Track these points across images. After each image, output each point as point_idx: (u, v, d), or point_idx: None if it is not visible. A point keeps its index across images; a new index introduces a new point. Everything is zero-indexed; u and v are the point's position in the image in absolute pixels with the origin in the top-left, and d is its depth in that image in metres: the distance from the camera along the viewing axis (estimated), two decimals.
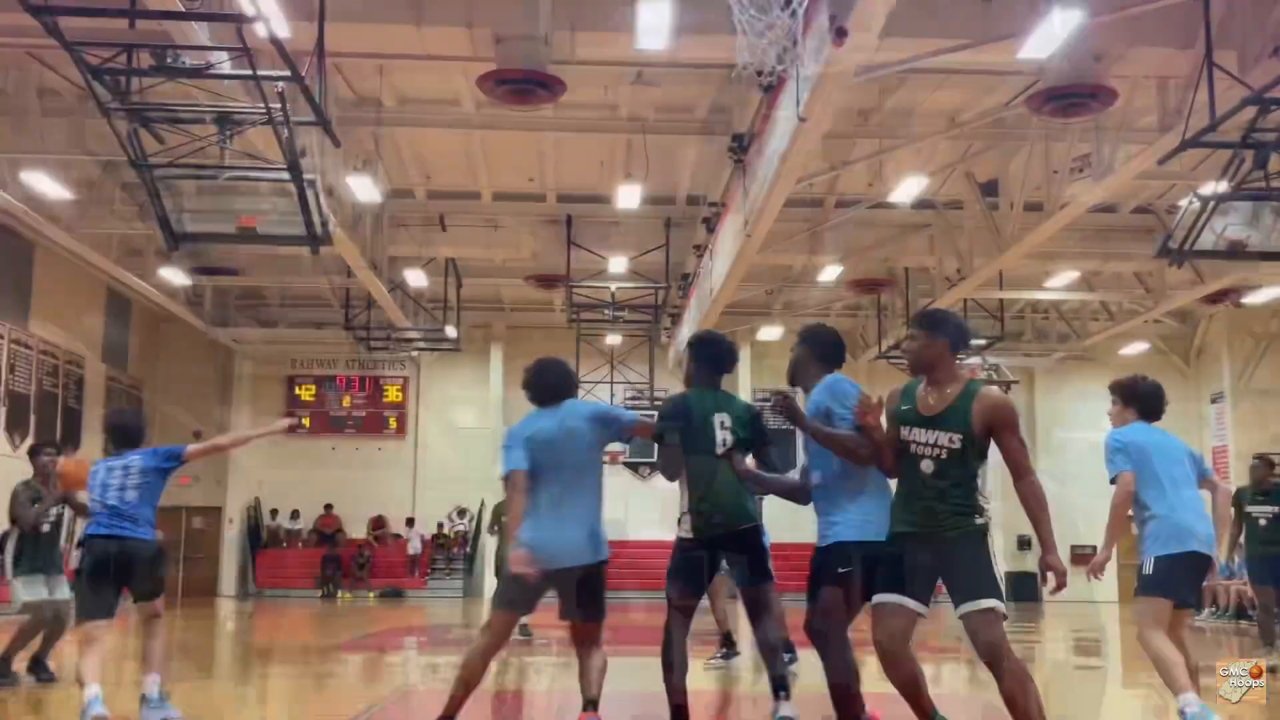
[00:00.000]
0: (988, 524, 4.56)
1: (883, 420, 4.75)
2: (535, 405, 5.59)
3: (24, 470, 9.00)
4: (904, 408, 4.68)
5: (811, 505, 5.09)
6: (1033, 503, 4.52)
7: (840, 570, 4.81)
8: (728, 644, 9.42)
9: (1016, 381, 25.31)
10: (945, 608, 4.66)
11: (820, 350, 5.16)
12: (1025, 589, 23.88)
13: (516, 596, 5.31)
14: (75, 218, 16.63)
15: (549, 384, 5.51)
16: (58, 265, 21.08)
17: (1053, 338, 25.26)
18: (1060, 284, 21.35)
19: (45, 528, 8.44)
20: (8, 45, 12.65)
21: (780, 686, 5.50)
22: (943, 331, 4.69)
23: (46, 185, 15.13)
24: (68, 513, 8.89)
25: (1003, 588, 4.52)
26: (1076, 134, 14.24)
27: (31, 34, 9.94)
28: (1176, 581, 5.68)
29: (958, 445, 4.49)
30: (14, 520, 8.53)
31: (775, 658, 5.43)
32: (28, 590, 8.26)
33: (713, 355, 5.64)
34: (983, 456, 4.58)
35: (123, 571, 6.38)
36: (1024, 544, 26.34)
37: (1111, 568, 5.92)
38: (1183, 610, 5.83)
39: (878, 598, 4.62)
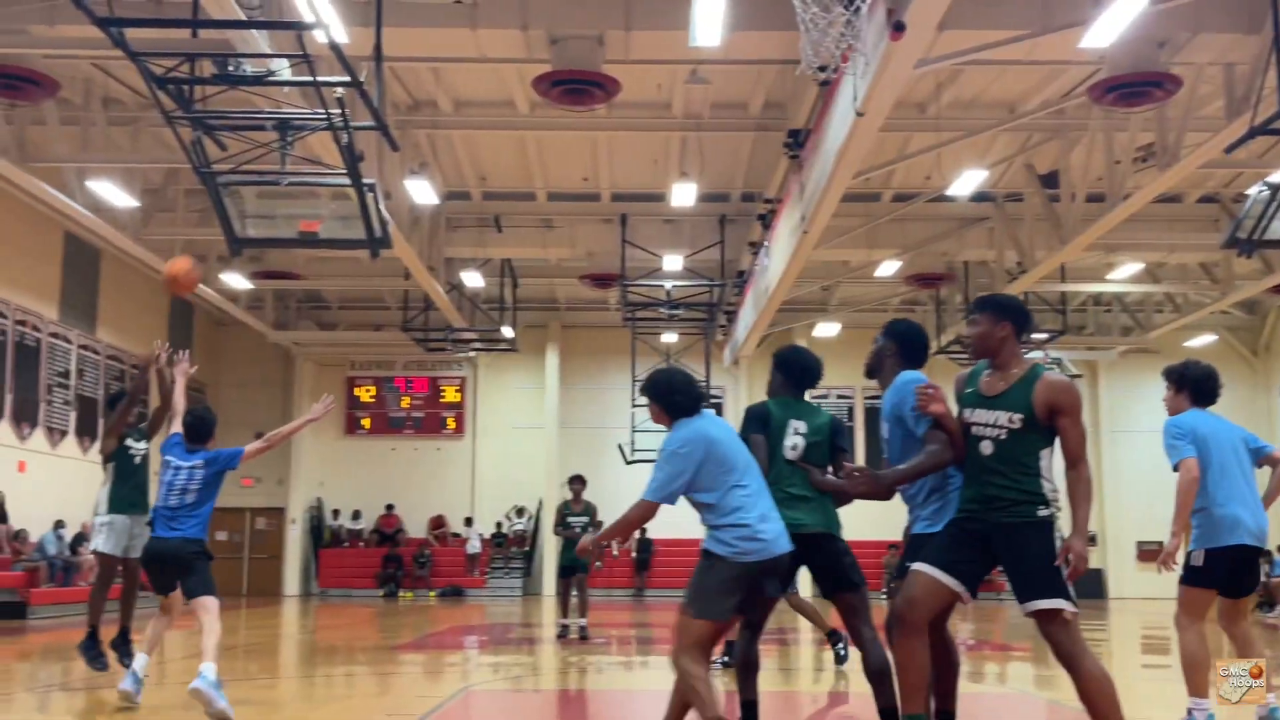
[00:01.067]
0: (1053, 517, 4.42)
1: (952, 406, 4.63)
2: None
3: (94, 473, 8.96)
4: (968, 390, 4.59)
5: (900, 498, 4.92)
6: (1079, 490, 4.37)
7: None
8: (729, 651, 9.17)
9: (1080, 376, 24.96)
10: (1008, 605, 4.55)
11: (905, 347, 4.96)
12: (1091, 585, 23.55)
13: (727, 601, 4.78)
14: (140, 224, 16.92)
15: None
16: (123, 271, 21.51)
17: (1116, 331, 24.88)
18: (1124, 276, 21.02)
19: (136, 460, 8.24)
20: (74, 57, 12.89)
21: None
22: (1006, 315, 4.58)
23: (112, 193, 15.41)
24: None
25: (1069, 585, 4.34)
26: (1139, 123, 13.98)
27: (97, 45, 10.13)
28: (1222, 573, 5.62)
29: (1018, 425, 4.38)
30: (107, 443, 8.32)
31: (885, 684, 4.86)
32: (110, 538, 7.98)
33: (795, 369, 5.46)
34: (1045, 442, 4.42)
35: (173, 568, 6.81)
36: (1089, 540, 26.00)
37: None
38: (1239, 600, 5.78)
39: (916, 565, 4.48)
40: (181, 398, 7.48)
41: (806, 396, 5.49)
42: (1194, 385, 5.91)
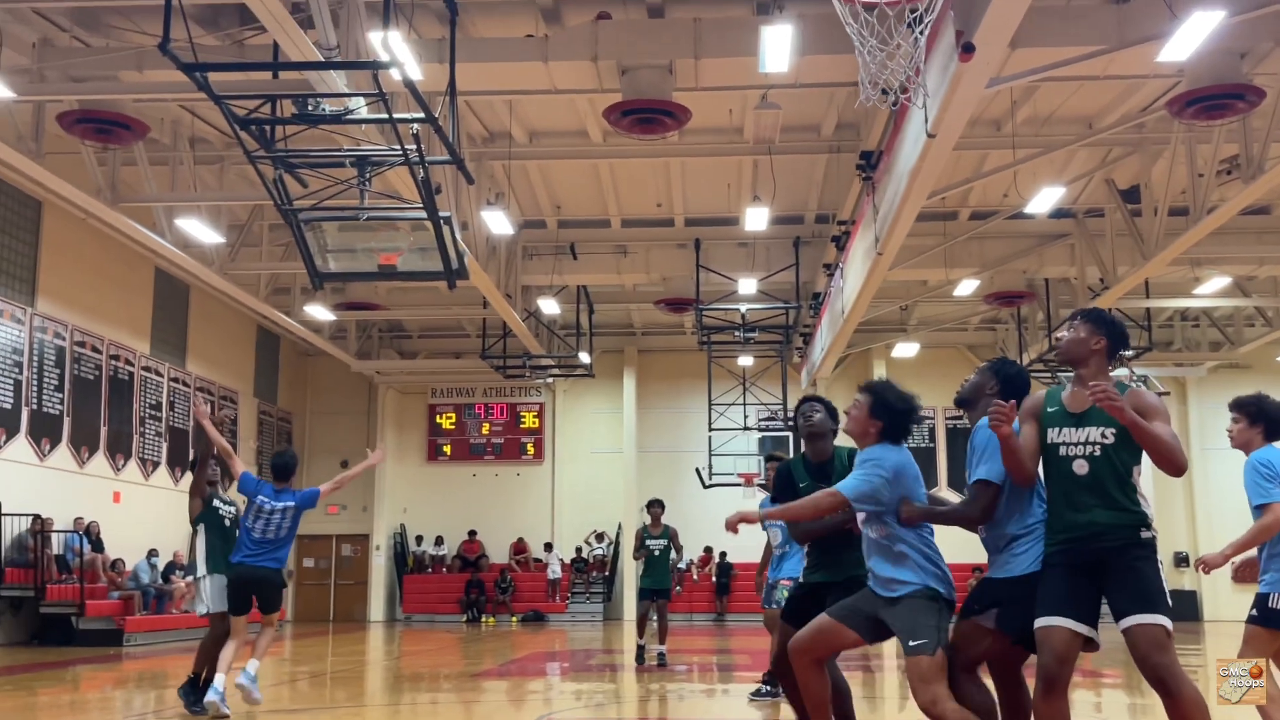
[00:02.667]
0: (1154, 538, 4.27)
1: (1027, 430, 4.47)
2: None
3: (185, 502, 9.17)
4: (1050, 409, 4.44)
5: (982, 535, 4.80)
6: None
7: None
8: (770, 680, 9.12)
9: (1167, 393, 24.40)
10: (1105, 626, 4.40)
11: (1006, 389, 4.81)
12: (1184, 607, 22.90)
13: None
14: (226, 259, 17.40)
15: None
16: (211, 305, 22.11)
17: (1205, 346, 24.30)
18: (1211, 290, 20.53)
19: (227, 521, 8.55)
20: (162, 100, 13.34)
21: None
22: (1104, 329, 4.47)
23: (200, 230, 15.87)
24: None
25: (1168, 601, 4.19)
26: (1223, 134, 13.69)
27: (184, 89, 10.48)
28: None
29: (1111, 440, 4.22)
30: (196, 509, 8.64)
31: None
32: (216, 595, 8.28)
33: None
34: (1137, 459, 4.29)
35: (257, 591, 8.05)
36: (1180, 561, 25.33)
37: None
38: None
39: (1043, 621, 4.25)
40: (221, 439, 8.37)
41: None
42: (1272, 420, 5.68)
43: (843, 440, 5.51)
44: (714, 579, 26.13)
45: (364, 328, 25.03)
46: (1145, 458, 4.32)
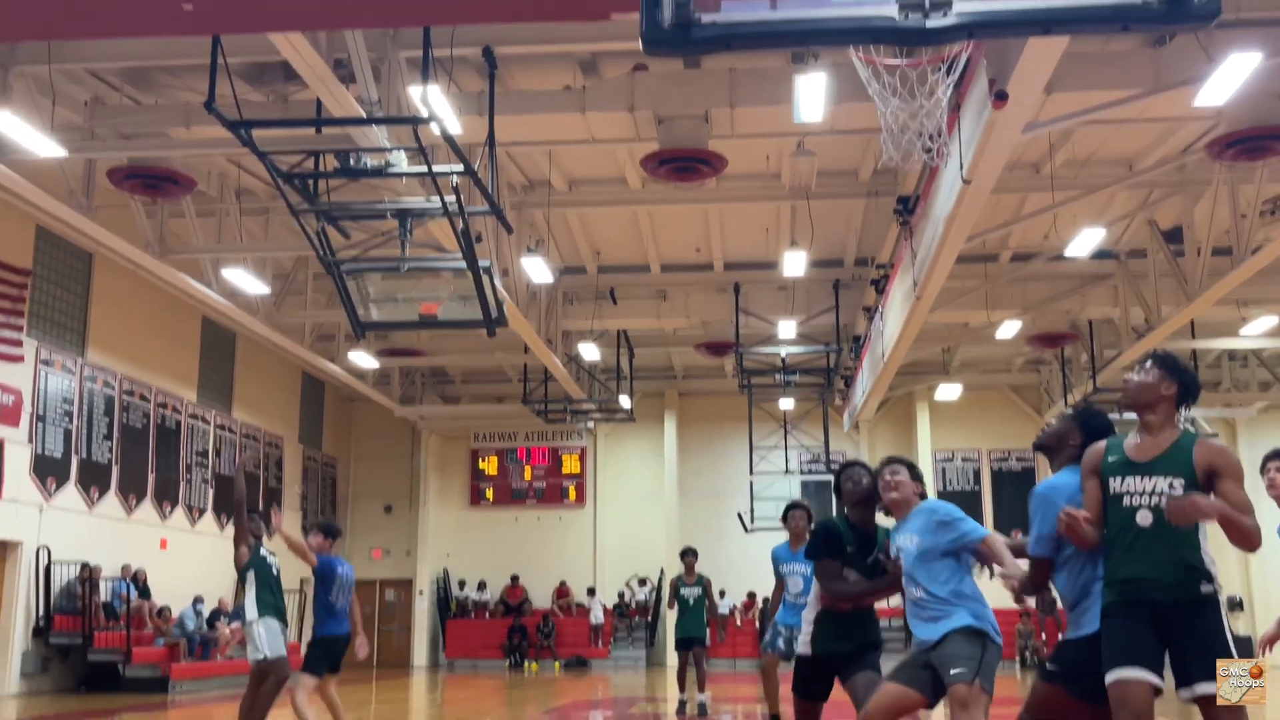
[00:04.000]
0: (1216, 592, 4.10)
1: (1089, 487, 4.34)
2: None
3: (230, 549, 9.35)
4: (1111, 459, 4.25)
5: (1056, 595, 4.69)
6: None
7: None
8: None
9: (1215, 435, 24.00)
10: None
11: (1090, 436, 4.62)
12: (1240, 655, 22.35)
13: None
14: (271, 308, 17.66)
15: None
16: (256, 353, 22.41)
17: (1254, 386, 23.94)
18: (1258, 330, 20.23)
19: (274, 570, 8.78)
20: (209, 154, 13.63)
21: None
22: (1177, 376, 4.31)
23: (245, 280, 16.14)
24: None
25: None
26: (1265, 174, 13.58)
27: (230, 145, 10.71)
28: None
29: (1179, 491, 4.04)
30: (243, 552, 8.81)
31: None
32: (273, 640, 8.44)
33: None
34: None
35: (342, 654, 8.72)
36: (1234, 605, 24.81)
37: None
38: None
39: (1114, 675, 4.02)
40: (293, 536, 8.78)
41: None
42: None
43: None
44: (757, 624, 25.93)
45: (407, 373, 25.25)
46: None
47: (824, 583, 5.42)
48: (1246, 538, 4.03)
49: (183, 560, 19.74)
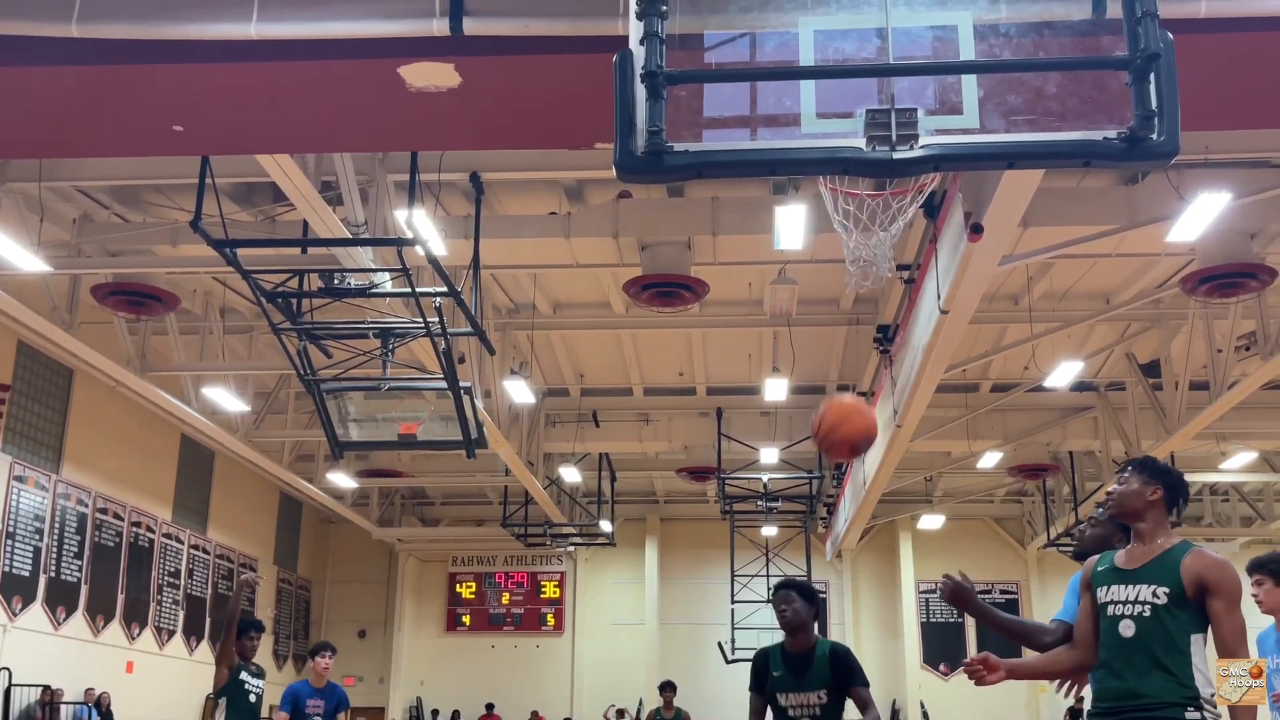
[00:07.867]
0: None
1: (1084, 603, 4.14)
2: None
3: (203, 674, 9.28)
4: (1100, 569, 4.03)
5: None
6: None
7: None
8: None
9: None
10: None
11: (1126, 534, 4.36)
12: None
13: None
14: (251, 427, 17.57)
15: None
16: (234, 471, 22.20)
17: (1236, 521, 23.90)
18: (1238, 465, 20.29)
19: (252, 698, 8.44)
20: (195, 272, 13.72)
21: None
22: (1159, 479, 4.02)
23: (225, 399, 16.08)
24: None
25: None
26: (1241, 310, 13.77)
27: (215, 263, 10.78)
28: None
29: (1163, 601, 3.78)
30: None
31: None
32: None
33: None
34: (1197, 626, 3.81)
35: None
36: None
37: None
38: None
39: None
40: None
41: None
42: None
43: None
44: None
45: (386, 495, 25.01)
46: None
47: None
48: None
49: (149, 683, 19.21)
